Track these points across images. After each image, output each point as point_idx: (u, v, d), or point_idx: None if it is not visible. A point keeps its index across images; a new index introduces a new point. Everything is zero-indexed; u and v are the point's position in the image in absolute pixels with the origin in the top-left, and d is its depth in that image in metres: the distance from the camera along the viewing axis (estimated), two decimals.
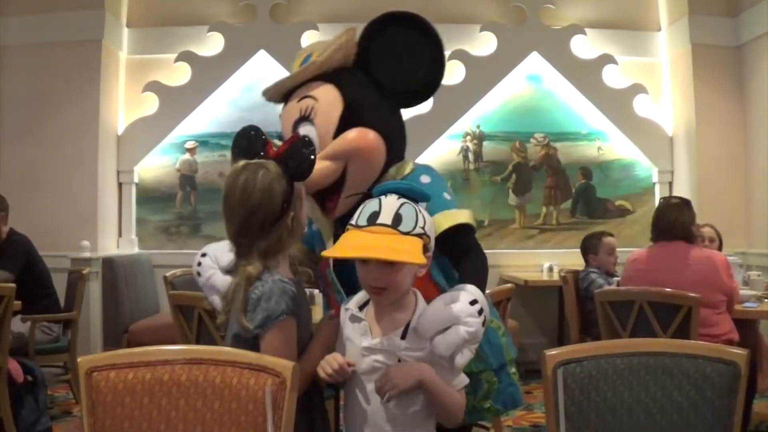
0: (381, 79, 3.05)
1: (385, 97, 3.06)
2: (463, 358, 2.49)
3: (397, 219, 2.48)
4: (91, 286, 7.60)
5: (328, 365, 2.51)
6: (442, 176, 3.14)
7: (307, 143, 2.71)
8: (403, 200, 2.53)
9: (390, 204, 2.52)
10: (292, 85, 3.04)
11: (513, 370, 3.12)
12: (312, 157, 2.68)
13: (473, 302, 2.53)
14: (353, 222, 2.54)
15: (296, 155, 2.66)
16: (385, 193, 2.57)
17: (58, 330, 6.62)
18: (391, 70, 3.05)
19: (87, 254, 7.83)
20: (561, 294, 7.11)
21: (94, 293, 7.84)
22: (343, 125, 2.93)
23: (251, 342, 2.54)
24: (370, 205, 2.55)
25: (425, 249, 2.51)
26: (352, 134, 2.92)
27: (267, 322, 2.51)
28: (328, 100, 2.95)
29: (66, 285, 6.97)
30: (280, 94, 3.10)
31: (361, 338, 2.56)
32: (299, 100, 2.98)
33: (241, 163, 2.65)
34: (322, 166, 2.85)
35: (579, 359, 2.46)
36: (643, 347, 2.52)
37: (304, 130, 2.93)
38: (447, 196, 2.95)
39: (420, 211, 2.53)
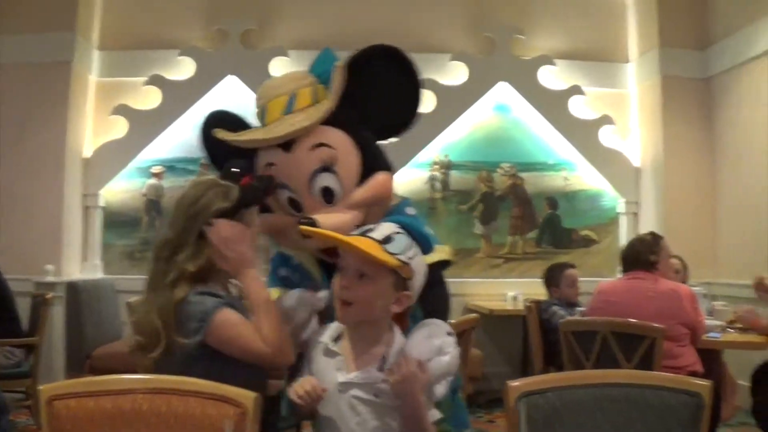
0: (370, 114, 3.02)
1: (372, 131, 3.05)
2: (442, 389, 2.51)
3: (388, 239, 2.49)
4: (54, 311, 7.50)
5: (301, 387, 2.48)
6: None
7: (264, 181, 2.77)
8: (401, 231, 2.55)
9: (387, 227, 2.56)
10: (306, 133, 2.90)
11: (460, 394, 3.13)
12: (256, 196, 2.75)
13: (450, 333, 2.55)
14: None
15: (251, 187, 2.74)
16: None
17: (20, 354, 6.54)
18: (377, 105, 3.01)
19: (51, 278, 7.78)
20: (525, 323, 7.09)
21: (58, 318, 7.75)
22: (364, 172, 2.93)
23: (198, 357, 2.57)
24: (369, 226, 2.59)
25: (401, 284, 2.51)
26: (380, 180, 2.94)
27: (202, 325, 2.55)
28: (344, 147, 2.92)
29: (29, 309, 6.89)
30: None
31: (336, 373, 2.53)
32: (313, 149, 2.90)
33: (210, 177, 2.77)
34: (353, 216, 2.86)
35: (542, 390, 2.46)
36: (606, 378, 2.53)
37: (325, 180, 2.90)
38: (428, 230, 2.96)
39: (414, 248, 2.54)
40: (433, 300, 2.79)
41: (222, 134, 3.02)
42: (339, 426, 2.50)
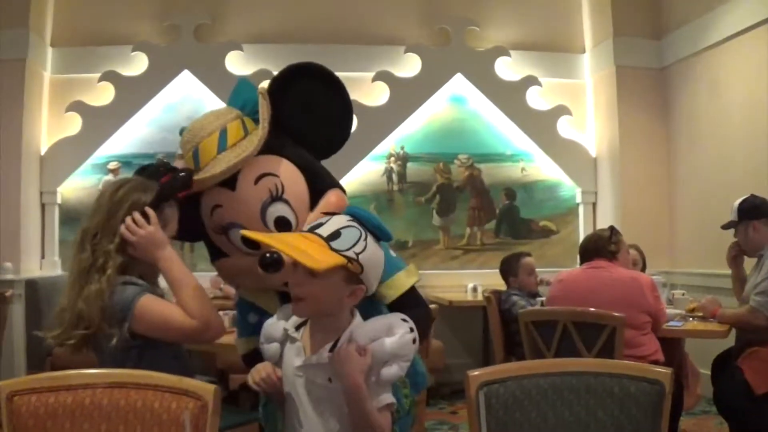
0: (304, 135, 2.98)
1: (310, 151, 3.00)
2: (390, 371, 2.45)
3: (335, 235, 2.45)
4: (13, 309, 7.44)
5: (257, 373, 2.51)
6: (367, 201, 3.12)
7: (179, 176, 2.80)
8: (352, 222, 2.52)
9: (337, 221, 2.52)
10: (243, 165, 2.81)
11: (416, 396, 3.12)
12: (173, 189, 2.80)
13: (405, 319, 2.53)
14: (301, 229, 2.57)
15: (170, 181, 2.80)
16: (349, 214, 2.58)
17: None
18: (308, 125, 2.98)
19: (10, 276, 7.71)
20: (485, 314, 7.09)
21: (17, 315, 7.65)
22: (312, 195, 2.89)
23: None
24: (322, 219, 2.56)
25: (354, 278, 2.48)
26: (334, 199, 2.90)
27: (126, 314, 2.61)
28: (288, 173, 2.86)
29: None
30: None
31: (295, 359, 2.54)
32: (257, 181, 2.82)
33: (131, 176, 2.88)
34: None
35: (502, 380, 2.47)
36: (566, 367, 2.54)
37: (277, 210, 2.83)
38: (392, 252, 2.89)
39: (364, 240, 2.50)
40: (415, 321, 2.76)
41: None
42: (298, 410, 2.51)
